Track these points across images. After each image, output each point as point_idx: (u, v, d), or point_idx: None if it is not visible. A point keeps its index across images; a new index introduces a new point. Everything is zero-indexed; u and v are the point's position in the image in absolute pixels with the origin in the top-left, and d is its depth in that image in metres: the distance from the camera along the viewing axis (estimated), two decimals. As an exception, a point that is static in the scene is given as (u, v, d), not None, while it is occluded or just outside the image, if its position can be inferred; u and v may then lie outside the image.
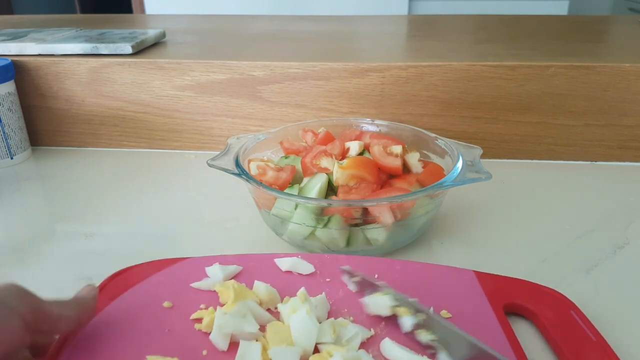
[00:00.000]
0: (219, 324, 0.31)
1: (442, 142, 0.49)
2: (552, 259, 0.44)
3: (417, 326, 0.32)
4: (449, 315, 0.34)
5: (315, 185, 0.44)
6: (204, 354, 0.31)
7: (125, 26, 0.90)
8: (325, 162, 0.46)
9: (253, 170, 0.47)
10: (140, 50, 0.67)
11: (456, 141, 0.48)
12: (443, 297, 0.36)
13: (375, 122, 0.55)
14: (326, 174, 0.45)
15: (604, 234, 0.47)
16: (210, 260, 0.39)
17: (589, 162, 0.63)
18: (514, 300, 0.36)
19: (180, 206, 0.54)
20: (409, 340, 0.32)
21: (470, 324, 0.33)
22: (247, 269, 0.39)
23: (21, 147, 0.64)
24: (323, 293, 0.35)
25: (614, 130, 0.61)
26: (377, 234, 0.42)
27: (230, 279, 0.37)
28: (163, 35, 0.75)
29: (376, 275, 0.38)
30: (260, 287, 0.35)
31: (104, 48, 0.65)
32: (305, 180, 0.46)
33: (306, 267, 0.39)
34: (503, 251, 0.45)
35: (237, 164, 0.45)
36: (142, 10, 1.92)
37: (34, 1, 2.67)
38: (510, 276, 0.38)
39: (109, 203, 0.54)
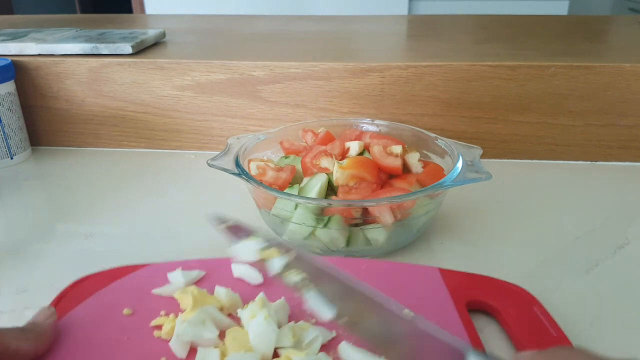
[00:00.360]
0: (178, 332, 0.31)
1: (442, 142, 0.49)
2: (552, 259, 0.44)
3: (286, 267, 0.32)
4: (412, 314, 0.34)
5: (315, 185, 0.44)
6: None
7: (125, 26, 0.90)
8: (325, 162, 0.46)
9: (253, 170, 0.48)
10: (140, 50, 0.67)
11: (456, 141, 0.48)
12: (406, 295, 0.36)
13: (375, 122, 0.55)
14: (326, 174, 0.45)
15: (604, 234, 0.47)
16: (173, 265, 0.39)
17: (589, 162, 0.63)
18: (477, 296, 0.36)
19: (180, 206, 0.54)
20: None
21: (432, 321, 0.33)
22: (210, 273, 0.39)
23: (21, 147, 0.64)
24: (282, 297, 0.35)
25: (614, 130, 0.61)
26: (377, 234, 0.42)
27: (193, 284, 0.37)
28: (163, 35, 0.75)
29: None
30: (221, 292, 0.35)
31: (104, 48, 0.65)
32: (305, 180, 0.46)
33: (256, 277, 0.38)
34: (503, 251, 0.45)
35: (237, 164, 0.45)
36: (142, 10, 1.92)
37: (34, 1, 2.67)
38: (477, 273, 0.39)
39: (109, 203, 0.54)
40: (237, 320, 0.34)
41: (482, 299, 0.36)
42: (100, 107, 0.66)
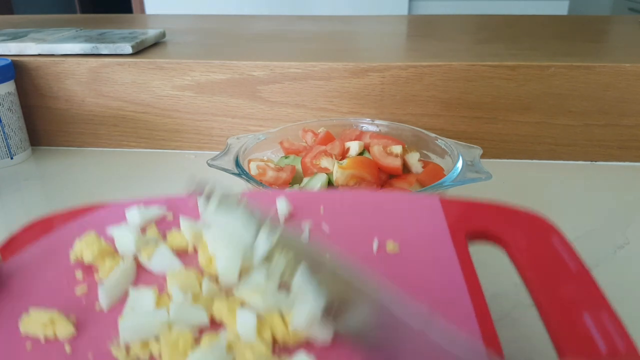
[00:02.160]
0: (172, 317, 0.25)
1: (442, 142, 0.49)
2: (552, 259, 0.43)
3: (272, 249, 0.27)
4: (395, 245, 0.30)
5: (315, 185, 0.44)
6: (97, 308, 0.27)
7: (125, 26, 0.90)
8: (325, 162, 0.46)
9: (253, 170, 0.48)
10: (140, 50, 0.67)
11: (456, 141, 0.48)
12: (393, 225, 0.31)
13: (375, 122, 0.55)
14: (326, 174, 0.45)
15: (604, 234, 0.47)
16: (133, 203, 0.35)
17: (589, 162, 0.63)
18: (481, 226, 0.31)
19: (180, 206, 0.54)
20: None
21: (419, 254, 0.29)
22: (172, 210, 0.34)
23: (21, 147, 0.64)
24: None
25: (614, 130, 0.61)
26: (377, 234, 0.42)
27: (152, 223, 0.33)
28: (163, 35, 0.75)
29: (322, 208, 0.33)
30: (185, 226, 0.31)
31: (104, 48, 0.65)
32: (305, 180, 0.46)
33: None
34: (503, 251, 0.45)
35: (237, 164, 0.45)
36: (142, 10, 1.92)
37: (34, 1, 2.68)
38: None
39: (109, 203, 0.54)
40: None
41: (487, 228, 0.31)
42: (100, 107, 0.66)
